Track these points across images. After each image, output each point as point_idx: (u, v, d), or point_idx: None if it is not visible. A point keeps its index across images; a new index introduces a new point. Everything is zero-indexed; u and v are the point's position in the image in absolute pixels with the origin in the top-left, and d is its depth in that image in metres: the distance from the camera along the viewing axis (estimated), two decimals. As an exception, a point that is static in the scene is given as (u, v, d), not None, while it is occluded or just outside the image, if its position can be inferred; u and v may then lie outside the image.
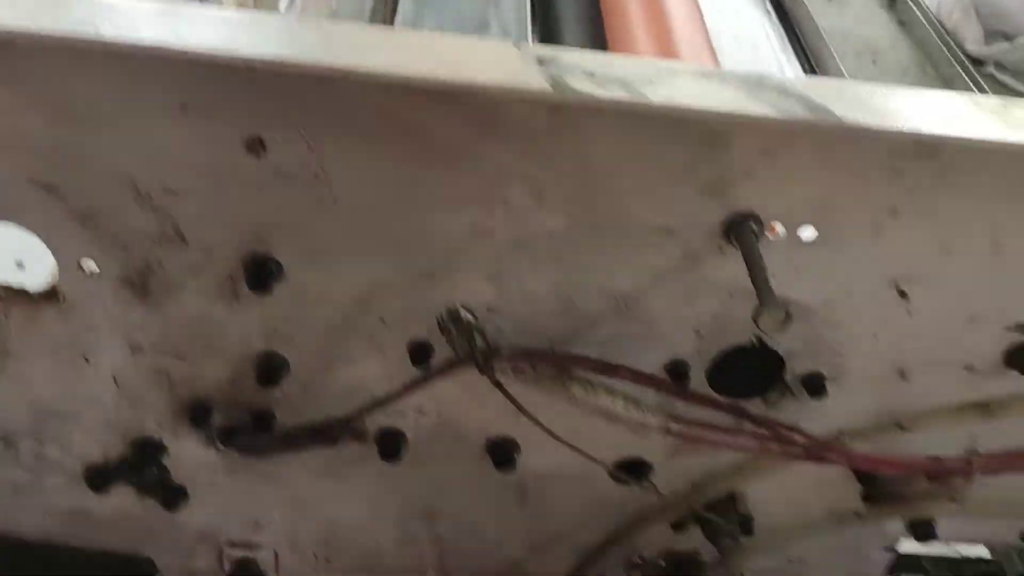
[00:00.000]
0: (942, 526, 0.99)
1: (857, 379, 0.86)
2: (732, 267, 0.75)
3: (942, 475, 0.85)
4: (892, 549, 1.03)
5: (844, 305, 0.80)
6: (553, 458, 0.91)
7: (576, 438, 0.85)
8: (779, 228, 0.75)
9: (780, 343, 0.83)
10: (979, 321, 0.81)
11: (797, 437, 0.81)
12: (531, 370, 0.80)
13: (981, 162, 0.70)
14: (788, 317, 0.68)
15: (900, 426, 0.84)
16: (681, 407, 0.85)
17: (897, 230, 0.75)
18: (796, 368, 0.85)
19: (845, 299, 0.80)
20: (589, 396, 0.80)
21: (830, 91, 0.67)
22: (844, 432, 0.85)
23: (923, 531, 0.98)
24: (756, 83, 0.66)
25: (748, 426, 0.82)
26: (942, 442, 0.87)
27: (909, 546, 1.12)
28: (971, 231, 0.75)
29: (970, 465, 0.83)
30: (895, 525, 1.00)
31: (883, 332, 0.82)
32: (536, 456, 0.93)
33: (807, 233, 0.75)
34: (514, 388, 0.81)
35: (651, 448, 0.92)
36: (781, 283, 0.78)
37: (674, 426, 0.81)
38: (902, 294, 0.79)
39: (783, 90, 0.66)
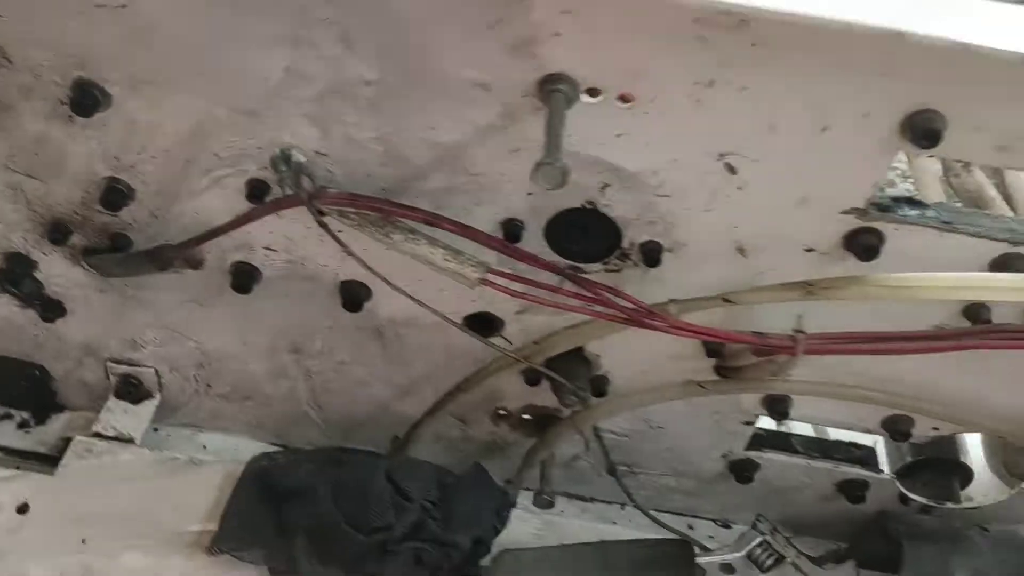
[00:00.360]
0: (806, 408, 1.00)
1: (697, 252, 0.85)
2: (553, 128, 0.74)
3: (766, 350, 0.85)
4: (750, 423, 1.04)
5: (671, 175, 0.79)
6: (407, 305, 0.93)
7: (429, 290, 0.87)
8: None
9: (614, 210, 0.83)
10: (812, 202, 0.79)
11: (618, 301, 0.82)
12: (356, 214, 0.82)
13: (795, 38, 0.67)
14: (565, 175, 0.67)
15: (725, 299, 0.83)
16: (524, 266, 0.86)
17: (717, 103, 0.73)
18: (634, 236, 0.85)
19: (672, 169, 0.79)
20: (409, 243, 0.81)
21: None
22: (678, 301, 0.85)
23: (777, 409, 0.99)
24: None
25: (571, 286, 0.83)
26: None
27: (793, 426, 1.14)
28: (794, 109, 0.72)
29: (794, 343, 0.83)
30: (752, 401, 1.00)
31: (715, 206, 0.81)
32: (390, 302, 0.95)
33: (620, 100, 0.74)
34: (351, 234, 0.83)
35: (501, 304, 0.93)
36: (605, 148, 0.78)
37: (491, 279, 0.81)
38: (729, 168, 0.78)
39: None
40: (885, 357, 0.87)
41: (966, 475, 1.12)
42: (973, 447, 1.11)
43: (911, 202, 0.83)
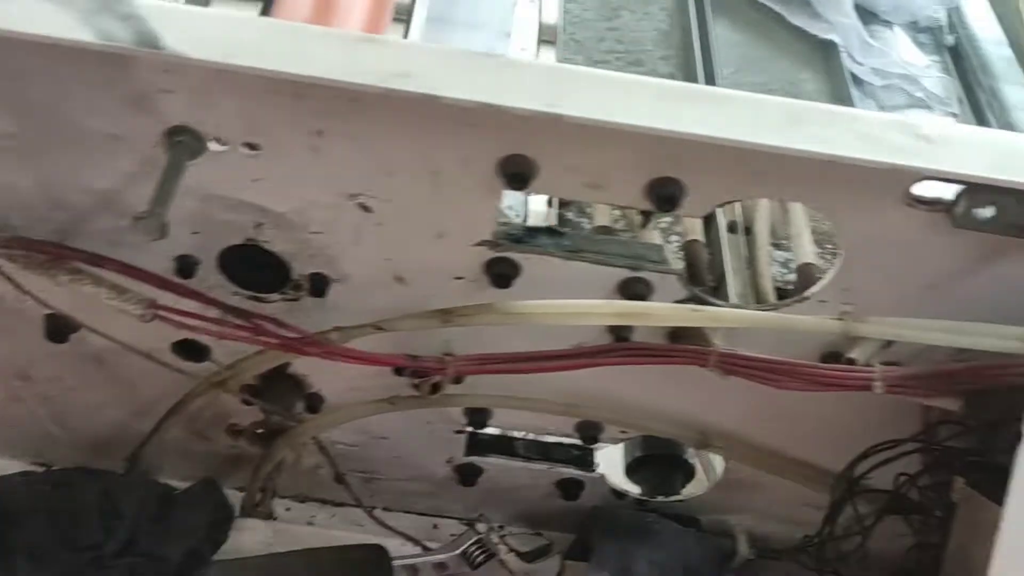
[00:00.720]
0: (505, 417, 1.08)
1: (361, 282, 0.91)
2: (196, 173, 0.80)
3: (420, 372, 0.92)
4: (461, 432, 1.11)
5: (315, 214, 0.85)
6: (118, 333, 0.98)
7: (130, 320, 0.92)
8: None
9: (274, 245, 0.89)
10: (448, 236, 0.86)
11: (274, 330, 0.88)
12: (23, 256, 0.87)
13: (372, 98, 0.73)
14: (163, 228, 0.73)
15: (377, 327, 0.90)
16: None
17: (332, 150, 0.79)
18: (301, 269, 0.91)
19: (313, 209, 0.85)
20: (75, 283, 0.87)
21: (179, 18, 0.70)
22: (341, 329, 0.91)
23: (477, 419, 1.07)
24: (101, 7, 0.69)
25: (232, 318, 0.89)
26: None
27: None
28: (403, 154, 0.79)
29: (444, 364, 0.90)
30: (457, 412, 1.08)
31: (363, 241, 0.87)
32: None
33: (247, 148, 0.80)
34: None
35: (202, 331, 0.99)
36: (248, 191, 0.84)
37: (157, 313, 0.87)
38: (364, 207, 0.84)
39: (126, 15, 0.68)
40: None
41: (688, 470, 1.22)
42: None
43: (549, 232, 0.91)
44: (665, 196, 0.78)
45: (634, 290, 0.88)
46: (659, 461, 1.20)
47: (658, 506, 1.19)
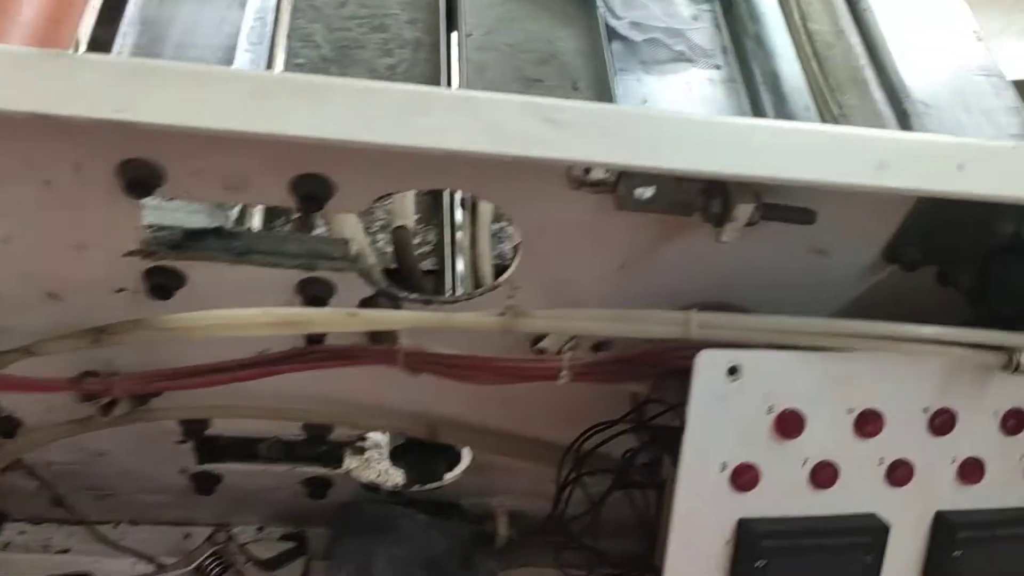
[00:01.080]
0: (226, 424, 1.01)
1: (8, 301, 0.82)
2: None
3: (87, 394, 0.84)
4: (184, 442, 1.04)
5: None
6: None
7: None
8: None
9: None
10: (91, 248, 0.77)
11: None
12: None
13: None
14: None
15: (28, 351, 0.81)
16: None
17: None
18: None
19: None
20: None
21: None
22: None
23: (192, 429, 0.99)
24: None
25: None
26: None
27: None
28: (8, 166, 0.70)
29: (109, 385, 0.83)
30: (171, 424, 1.00)
31: (-4, 258, 0.78)
32: None
33: None
34: None
35: None
36: None
37: None
38: (-18, 225, 0.75)
39: None
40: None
41: (453, 455, 1.17)
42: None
43: (218, 233, 0.83)
44: (308, 194, 0.71)
45: (312, 292, 0.81)
46: (421, 448, 1.15)
47: (416, 495, 1.14)
